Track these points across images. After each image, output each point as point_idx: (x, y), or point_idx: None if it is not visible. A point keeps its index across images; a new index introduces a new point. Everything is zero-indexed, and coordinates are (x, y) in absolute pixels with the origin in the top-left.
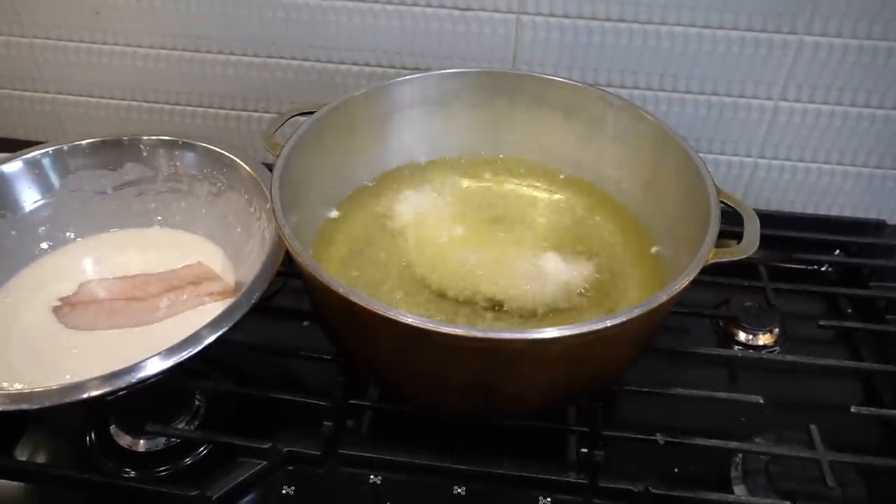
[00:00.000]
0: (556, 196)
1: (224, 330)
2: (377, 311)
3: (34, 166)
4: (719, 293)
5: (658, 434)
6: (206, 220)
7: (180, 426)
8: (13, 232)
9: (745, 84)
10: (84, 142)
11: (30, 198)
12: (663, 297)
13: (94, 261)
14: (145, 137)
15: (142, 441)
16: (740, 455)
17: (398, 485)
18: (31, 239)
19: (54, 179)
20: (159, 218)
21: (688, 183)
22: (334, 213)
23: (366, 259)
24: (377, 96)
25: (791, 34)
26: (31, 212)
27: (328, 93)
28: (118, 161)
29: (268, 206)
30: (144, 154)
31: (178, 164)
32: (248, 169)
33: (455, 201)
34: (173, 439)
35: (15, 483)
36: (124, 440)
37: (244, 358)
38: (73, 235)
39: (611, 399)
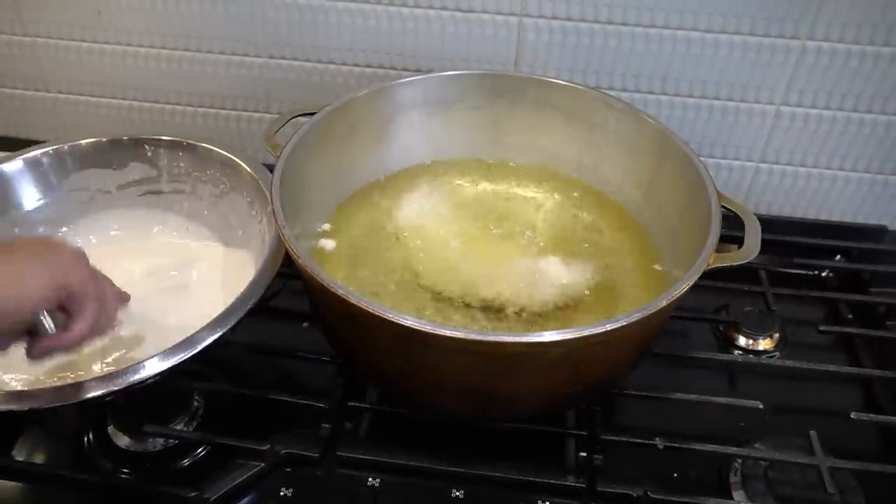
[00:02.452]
0: (557, 199)
1: (222, 332)
2: (376, 313)
3: (37, 165)
4: (719, 297)
5: (657, 438)
6: (209, 221)
7: (178, 427)
8: (16, 230)
9: (748, 88)
10: (88, 141)
11: (31, 196)
12: (663, 302)
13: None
14: (150, 137)
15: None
16: (739, 460)
17: (396, 487)
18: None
19: (59, 178)
20: (162, 219)
21: (689, 187)
22: (334, 215)
23: (366, 260)
24: (378, 98)
25: (794, 39)
26: (34, 210)
27: (329, 94)
28: (123, 161)
29: (269, 208)
30: (149, 154)
31: (182, 164)
32: (250, 171)
33: (455, 203)
34: (171, 440)
35: (13, 483)
36: (122, 441)
37: (243, 359)
38: (73, 233)
39: (610, 403)
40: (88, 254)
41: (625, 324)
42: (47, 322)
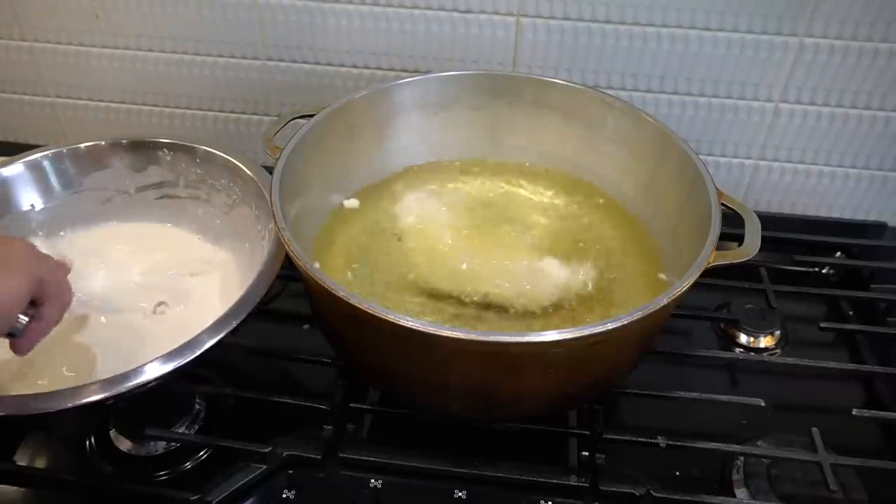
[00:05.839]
0: (556, 198)
1: (223, 334)
2: (377, 314)
3: (49, 165)
4: (720, 295)
5: (659, 437)
6: (220, 230)
7: (180, 430)
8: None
9: (746, 86)
10: (106, 142)
11: (49, 194)
12: (664, 300)
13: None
14: (167, 141)
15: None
16: (742, 458)
17: (399, 488)
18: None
19: (79, 178)
20: (174, 223)
21: (688, 185)
22: (333, 216)
23: (365, 261)
24: (377, 99)
25: (791, 36)
26: (47, 208)
27: (328, 95)
28: (142, 164)
29: (270, 225)
30: (168, 159)
31: (198, 171)
32: (258, 183)
33: (455, 204)
34: (173, 443)
35: (15, 488)
36: (124, 444)
37: (244, 361)
38: (84, 235)
39: (612, 402)
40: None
41: (626, 323)
42: (21, 317)
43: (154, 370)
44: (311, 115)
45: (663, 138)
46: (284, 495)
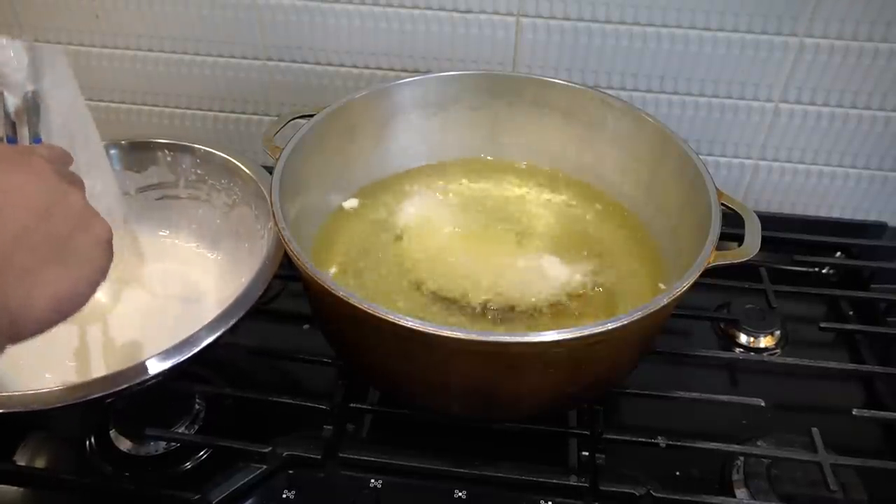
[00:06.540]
0: (556, 198)
1: (222, 332)
2: (377, 314)
3: None
4: (720, 295)
5: (659, 437)
6: (220, 230)
7: (180, 430)
8: None
9: (746, 86)
10: (109, 142)
11: None
12: (664, 300)
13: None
14: (167, 142)
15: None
16: (742, 458)
17: (399, 488)
18: None
19: None
20: (174, 223)
21: (688, 185)
22: (333, 216)
23: (365, 261)
24: (377, 99)
25: (791, 36)
26: None
27: (328, 95)
28: (143, 164)
29: (270, 225)
30: (168, 159)
31: (198, 171)
32: (258, 183)
33: (455, 204)
34: (173, 443)
35: (15, 488)
36: (124, 444)
37: (244, 361)
38: None
39: (612, 402)
40: None
41: (626, 323)
42: None
43: (153, 367)
44: (311, 115)
45: (663, 138)
46: (284, 495)
